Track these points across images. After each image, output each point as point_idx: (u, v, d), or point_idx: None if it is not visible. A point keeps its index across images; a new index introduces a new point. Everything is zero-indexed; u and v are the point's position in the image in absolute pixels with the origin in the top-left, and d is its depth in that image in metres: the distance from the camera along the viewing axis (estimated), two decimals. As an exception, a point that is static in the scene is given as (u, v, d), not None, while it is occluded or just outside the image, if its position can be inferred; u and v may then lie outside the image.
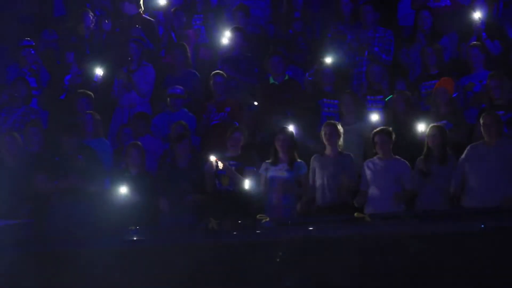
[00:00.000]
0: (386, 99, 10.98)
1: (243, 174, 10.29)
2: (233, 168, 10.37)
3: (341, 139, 10.09)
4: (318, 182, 10.03)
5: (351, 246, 8.46)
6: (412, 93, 10.86)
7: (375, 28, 11.80)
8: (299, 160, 10.21)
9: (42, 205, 10.27)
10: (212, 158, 10.22)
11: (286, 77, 11.54)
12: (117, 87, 12.20)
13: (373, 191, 9.78)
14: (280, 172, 10.17)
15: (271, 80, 11.54)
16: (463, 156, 9.52)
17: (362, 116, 10.77)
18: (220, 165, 10.22)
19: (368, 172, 9.84)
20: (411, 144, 10.03)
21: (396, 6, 12.84)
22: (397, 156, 9.87)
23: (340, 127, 10.11)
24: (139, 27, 12.90)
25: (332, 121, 10.32)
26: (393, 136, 9.90)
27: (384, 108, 10.91)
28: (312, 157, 10.19)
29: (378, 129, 10.04)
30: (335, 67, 11.45)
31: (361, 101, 11.00)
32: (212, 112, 11.47)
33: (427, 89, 10.91)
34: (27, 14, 13.96)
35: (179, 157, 10.52)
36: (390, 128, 10.00)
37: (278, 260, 8.29)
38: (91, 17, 13.12)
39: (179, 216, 10.05)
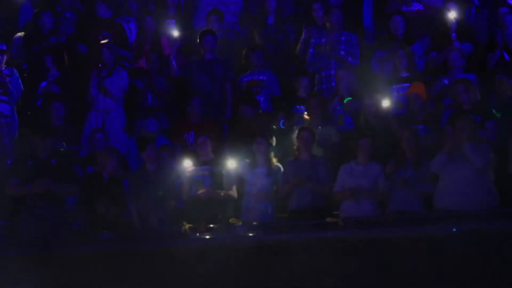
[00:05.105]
0: (345, 101, 10.99)
1: (223, 180, 10.22)
2: (208, 172, 10.31)
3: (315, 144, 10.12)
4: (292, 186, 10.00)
5: (323, 250, 8.52)
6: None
7: (340, 32, 11.81)
8: (276, 164, 10.21)
9: (16, 209, 10.21)
10: (187, 163, 10.17)
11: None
12: (93, 90, 12.13)
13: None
14: (258, 178, 10.15)
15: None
16: (436, 158, 9.55)
17: (329, 120, 10.79)
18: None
19: (345, 176, 9.84)
20: (383, 148, 10.05)
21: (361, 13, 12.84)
22: (372, 161, 9.88)
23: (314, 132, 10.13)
24: (111, 31, 12.82)
25: (307, 126, 10.31)
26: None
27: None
28: (286, 161, 10.18)
29: (362, 133, 10.05)
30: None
31: (328, 105, 11.00)
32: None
33: (399, 92, 10.95)
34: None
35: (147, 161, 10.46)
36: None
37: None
38: (50, 18, 12.84)
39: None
